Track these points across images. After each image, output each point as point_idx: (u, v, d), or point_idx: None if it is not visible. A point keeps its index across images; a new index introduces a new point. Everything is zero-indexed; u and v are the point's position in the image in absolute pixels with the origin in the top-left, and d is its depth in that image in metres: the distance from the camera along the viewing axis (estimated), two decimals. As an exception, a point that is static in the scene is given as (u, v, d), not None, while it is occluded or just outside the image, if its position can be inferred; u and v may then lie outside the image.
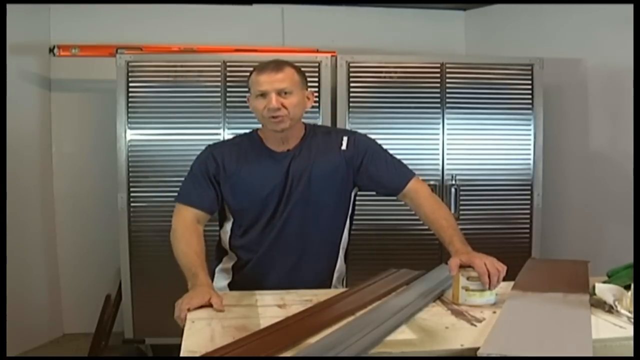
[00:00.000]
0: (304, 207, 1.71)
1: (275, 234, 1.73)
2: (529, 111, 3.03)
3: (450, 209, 2.99)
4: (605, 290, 1.39)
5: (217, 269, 1.85)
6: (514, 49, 3.35)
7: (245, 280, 1.76)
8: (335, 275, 1.82)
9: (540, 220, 3.07)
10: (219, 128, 2.91)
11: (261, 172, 1.71)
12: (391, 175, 1.75)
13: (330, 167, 1.72)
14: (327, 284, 1.80)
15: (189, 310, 1.40)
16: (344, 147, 1.74)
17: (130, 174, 2.91)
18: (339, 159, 1.73)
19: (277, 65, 1.64)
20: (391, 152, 3.00)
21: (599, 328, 1.23)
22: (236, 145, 1.77)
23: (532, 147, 3.04)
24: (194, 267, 1.60)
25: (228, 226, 1.80)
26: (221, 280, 1.82)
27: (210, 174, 1.73)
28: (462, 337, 1.20)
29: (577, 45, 3.20)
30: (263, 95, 1.63)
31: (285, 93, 1.63)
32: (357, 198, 1.86)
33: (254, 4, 3.54)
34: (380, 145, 1.81)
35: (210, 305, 1.42)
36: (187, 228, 1.70)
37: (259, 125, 1.84)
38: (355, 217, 1.88)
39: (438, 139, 3.00)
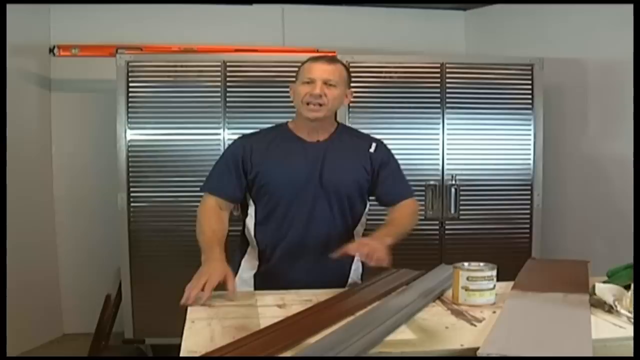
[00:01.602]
0: (332, 195, 1.77)
1: (303, 221, 1.75)
2: (529, 111, 3.03)
3: (450, 209, 3.00)
4: (605, 290, 1.39)
5: (243, 260, 1.85)
6: (514, 49, 3.34)
7: (272, 270, 1.78)
8: (353, 267, 1.84)
9: (540, 220, 3.07)
10: (219, 128, 2.91)
11: (291, 160, 1.77)
12: (386, 190, 1.86)
13: (359, 162, 1.82)
14: (348, 270, 1.83)
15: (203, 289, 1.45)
16: (372, 150, 1.85)
17: (130, 174, 2.91)
18: (367, 158, 1.83)
19: (331, 59, 1.81)
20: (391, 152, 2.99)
21: (599, 328, 1.23)
22: (267, 135, 1.84)
23: (532, 147, 3.04)
24: (209, 241, 1.68)
25: (251, 216, 1.83)
26: (247, 271, 1.82)
27: (238, 162, 1.77)
28: (462, 337, 1.20)
29: (577, 45, 3.20)
30: (310, 82, 1.72)
31: (331, 85, 1.73)
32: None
33: (254, 4, 3.54)
34: (397, 161, 1.91)
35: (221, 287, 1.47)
36: (207, 211, 1.76)
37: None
38: (373, 221, 1.90)
39: (438, 139, 3.00)
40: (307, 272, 1.73)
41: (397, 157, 2.98)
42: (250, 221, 1.83)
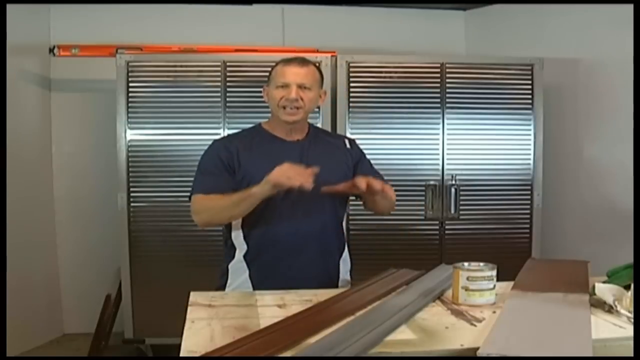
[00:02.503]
0: (318, 191, 1.75)
1: (294, 218, 1.75)
2: (529, 111, 3.03)
3: (450, 209, 3.01)
4: (605, 290, 1.39)
5: (229, 266, 1.83)
6: (514, 49, 3.34)
7: (267, 269, 1.77)
8: (342, 264, 1.86)
9: (540, 220, 3.07)
10: (219, 128, 2.91)
11: (277, 158, 1.75)
12: None
13: (341, 158, 1.87)
14: (337, 263, 1.85)
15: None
16: (348, 146, 1.91)
17: (130, 174, 2.91)
18: (346, 154, 1.89)
19: (303, 62, 1.78)
20: (391, 152, 3.03)
21: (599, 328, 1.23)
22: (245, 137, 1.85)
23: (532, 147, 3.04)
24: (235, 193, 1.68)
25: (238, 219, 1.81)
26: (240, 274, 1.80)
27: (225, 163, 1.77)
28: (462, 337, 1.20)
29: (577, 45, 3.19)
30: (284, 86, 1.74)
31: (305, 88, 1.74)
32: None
33: (254, 4, 3.54)
34: (367, 156, 1.97)
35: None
36: (206, 196, 1.74)
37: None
38: (355, 217, 1.91)
39: (438, 139, 3.00)
40: (302, 268, 1.74)
41: (397, 157, 3.02)
42: (236, 224, 1.81)
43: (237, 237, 1.80)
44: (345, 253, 1.89)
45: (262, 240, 1.77)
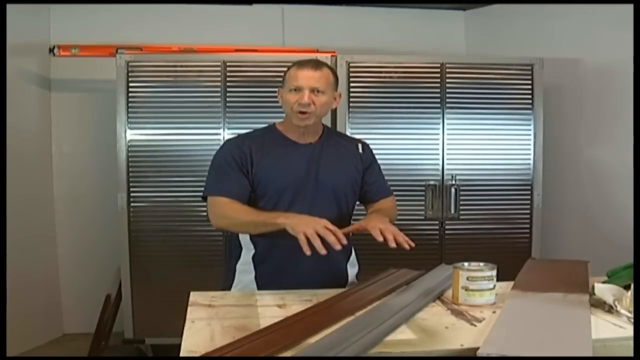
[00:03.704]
0: (330, 194, 1.79)
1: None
2: (529, 111, 3.03)
3: (450, 209, 3.01)
4: (605, 290, 1.39)
5: (237, 266, 1.82)
6: (514, 49, 3.35)
7: (274, 271, 1.77)
8: (349, 265, 1.87)
9: (540, 220, 3.07)
10: (219, 128, 2.91)
11: (289, 161, 1.78)
12: (372, 188, 1.92)
13: (352, 162, 1.87)
14: (345, 266, 1.86)
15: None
16: (360, 151, 1.91)
17: (130, 174, 2.91)
18: (358, 158, 1.89)
19: (317, 64, 1.75)
20: (391, 152, 3.02)
21: (599, 328, 1.23)
22: (258, 137, 1.83)
23: (532, 147, 3.04)
24: (265, 212, 1.68)
25: None
26: (246, 275, 1.80)
27: (238, 163, 1.75)
28: (462, 337, 1.20)
29: (577, 45, 3.20)
30: (297, 89, 1.71)
31: (318, 91, 1.72)
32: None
33: (254, 4, 3.54)
34: (377, 161, 1.98)
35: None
36: (230, 203, 1.71)
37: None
38: (355, 218, 1.91)
39: (438, 139, 3.01)
40: (310, 271, 1.72)
41: (397, 157, 3.03)
42: None
43: (245, 237, 1.81)
44: (353, 257, 1.90)
45: (270, 243, 1.76)
